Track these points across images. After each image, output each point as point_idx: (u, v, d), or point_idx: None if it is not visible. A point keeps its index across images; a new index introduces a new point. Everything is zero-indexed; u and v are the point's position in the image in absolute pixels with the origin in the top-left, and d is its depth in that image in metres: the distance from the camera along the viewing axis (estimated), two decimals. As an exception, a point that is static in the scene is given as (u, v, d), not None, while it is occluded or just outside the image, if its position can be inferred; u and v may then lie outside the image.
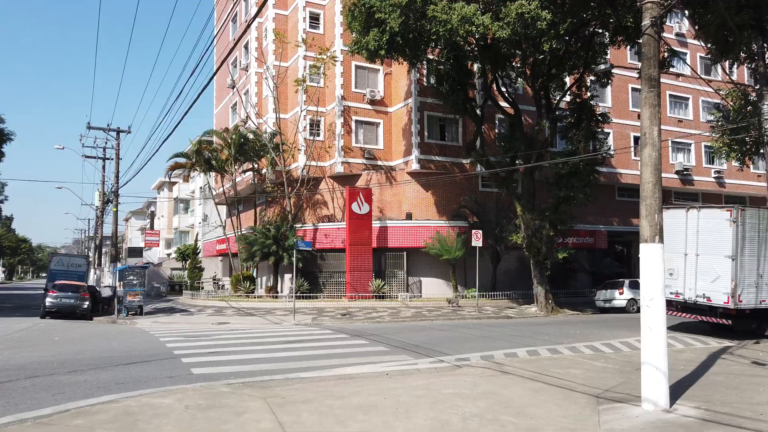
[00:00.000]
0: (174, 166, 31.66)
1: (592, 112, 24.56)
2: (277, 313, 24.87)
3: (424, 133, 30.76)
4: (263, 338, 15.13)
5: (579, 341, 14.85)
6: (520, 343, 14.35)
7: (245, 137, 30.92)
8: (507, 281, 30.74)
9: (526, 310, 26.22)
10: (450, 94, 24.73)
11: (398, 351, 12.91)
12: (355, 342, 14.25)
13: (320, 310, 25.78)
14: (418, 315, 23.41)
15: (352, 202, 28.35)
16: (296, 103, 32.53)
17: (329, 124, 32.11)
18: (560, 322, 21.22)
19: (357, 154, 31.54)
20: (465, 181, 31.76)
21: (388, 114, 32.64)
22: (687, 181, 37.78)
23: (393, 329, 17.72)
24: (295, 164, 32.69)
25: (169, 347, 13.17)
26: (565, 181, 24.53)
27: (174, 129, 24.67)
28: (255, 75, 35.64)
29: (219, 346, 13.56)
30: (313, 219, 32.56)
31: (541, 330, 17.65)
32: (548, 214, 25.27)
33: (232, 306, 27.74)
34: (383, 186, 31.68)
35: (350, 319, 21.63)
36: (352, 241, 28.31)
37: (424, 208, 31.11)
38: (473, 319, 22.52)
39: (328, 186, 32.58)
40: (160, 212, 70.31)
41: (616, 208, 36.06)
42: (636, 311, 25.16)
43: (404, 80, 31.64)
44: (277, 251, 28.41)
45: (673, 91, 38.03)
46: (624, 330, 17.51)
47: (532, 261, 25.87)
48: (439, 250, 28.57)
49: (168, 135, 34.53)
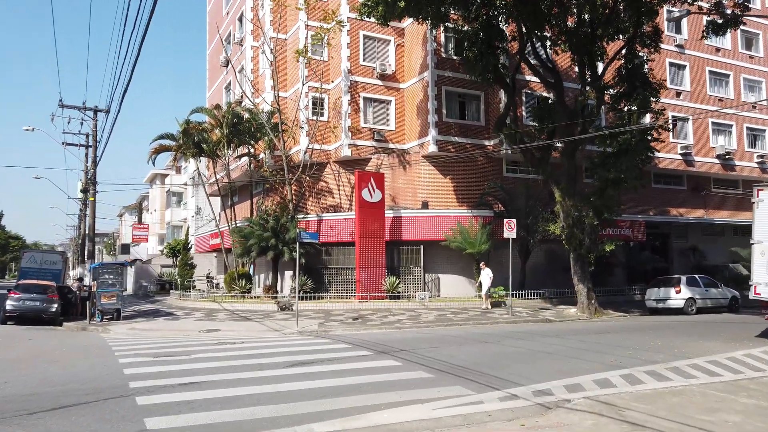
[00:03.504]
0: (158, 149, 27.94)
1: (646, 79, 20.89)
2: (277, 317, 21.27)
3: (442, 111, 27.08)
4: (260, 356, 11.49)
5: (674, 358, 11.26)
6: (601, 362, 10.75)
7: (239, 116, 27.23)
8: (535, 279, 27.12)
9: (565, 311, 22.67)
10: (479, 59, 21.03)
11: (445, 378, 9.31)
12: (382, 363, 10.62)
13: (327, 312, 22.17)
14: (442, 319, 19.83)
15: (363, 187, 24.70)
16: (297, 79, 28.84)
17: (334, 102, 28.42)
18: (616, 328, 17.63)
19: (366, 136, 27.87)
20: (488, 166, 28.12)
21: (401, 91, 28.96)
22: (728, 166, 34.15)
23: (422, 340, 14.12)
24: (296, 148, 29.01)
25: (126, 374, 9.53)
26: (614, 161, 20.96)
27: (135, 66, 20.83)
28: (251, 49, 31.93)
29: (197, 371, 9.91)
30: (316, 209, 28.91)
31: (606, 340, 14.06)
32: (593, 199, 21.71)
33: (226, 308, 24.13)
34: (396, 171, 28.02)
35: (364, 325, 18.03)
36: (363, 233, 24.68)
37: (443, 195, 27.46)
38: (508, 324, 18.99)
39: (334, 172, 28.91)
40: (153, 206, 66.58)
41: (651, 197, 32.41)
42: (695, 313, 21.66)
43: (419, 51, 27.95)
44: (277, 245, 24.77)
45: (713, 67, 34.35)
46: (712, 339, 13.93)
47: (573, 255, 22.31)
48: (461, 243, 24.95)
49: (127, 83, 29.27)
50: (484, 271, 23.13)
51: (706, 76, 34.05)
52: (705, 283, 22.65)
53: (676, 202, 33.56)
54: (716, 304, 22.55)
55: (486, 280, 22.98)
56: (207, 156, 29.42)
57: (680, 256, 33.29)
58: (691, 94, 33.09)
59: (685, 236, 33.91)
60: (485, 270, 23.04)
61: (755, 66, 35.75)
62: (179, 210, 55.04)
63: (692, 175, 33.98)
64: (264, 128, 26.98)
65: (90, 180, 26.26)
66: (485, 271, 23.02)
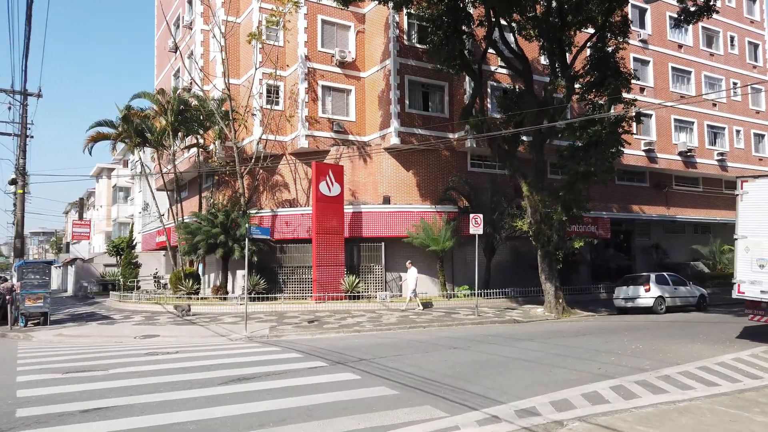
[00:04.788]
0: (95, 137, 25.46)
1: (617, 68, 20.03)
2: (225, 319, 19.47)
3: (405, 102, 25.73)
4: (194, 369, 9.81)
5: (662, 364, 10.18)
6: (586, 371, 9.56)
7: (186, 102, 25.14)
8: (500, 277, 26.12)
9: (532, 311, 21.66)
10: (445, 44, 19.72)
11: (412, 395, 7.89)
12: (338, 377, 9.12)
13: (281, 314, 20.50)
14: (405, 320, 18.47)
15: (320, 181, 23.08)
16: (250, 65, 26.97)
17: (290, 90, 26.69)
18: (590, 329, 16.62)
19: (324, 127, 26.26)
20: (452, 160, 26.94)
21: (361, 80, 27.46)
22: (690, 163, 34.04)
23: (383, 346, 12.68)
24: (249, 138, 27.16)
25: (19, 397, 7.72)
26: (583, 154, 20.03)
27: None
28: (201, 33, 29.81)
29: (110, 392, 8.15)
30: (271, 204, 27.12)
31: (583, 344, 12.95)
32: (562, 194, 20.71)
33: (170, 311, 22.11)
34: (356, 164, 26.52)
35: (320, 328, 16.49)
36: (320, 230, 23.07)
37: (405, 190, 26.12)
38: (475, 326, 17.80)
39: (290, 165, 27.19)
40: (99, 202, 62.92)
41: (615, 194, 31.93)
42: (664, 312, 20.95)
43: (380, 38, 26.52)
44: (227, 242, 22.90)
45: (676, 64, 34.17)
46: (693, 341, 12.99)
47: (540, 252, 21.30)
48: (424, 239, 23.65)
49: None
50: (410, 270, 21.54)
51: (669, 72, 33.84)
52: (674, 281, 22.03)
53: (639, 199, 33.22)
54: (685, 302, 21.95)
55: (411, 280, 21.38)
56: (152, 146, 27.18)
57: (643, 253, 32.96)
58: (655, 90, 32.79)
59: (648, 234, 33.62)
60: (411, 269, 21.48)
61: (715, 64, 35.82)
62: (126, 206, 52.02)
63: (655, 172, 33.73)
64: (214, 116, 25.00)
65: (18, 171, 23.73)
66: (411, 270, 21.47)
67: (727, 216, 36.15)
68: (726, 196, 36.96)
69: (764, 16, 38.79)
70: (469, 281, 24.74)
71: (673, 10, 33.92)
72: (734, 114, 36.36)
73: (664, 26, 33.99)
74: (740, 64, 36.93)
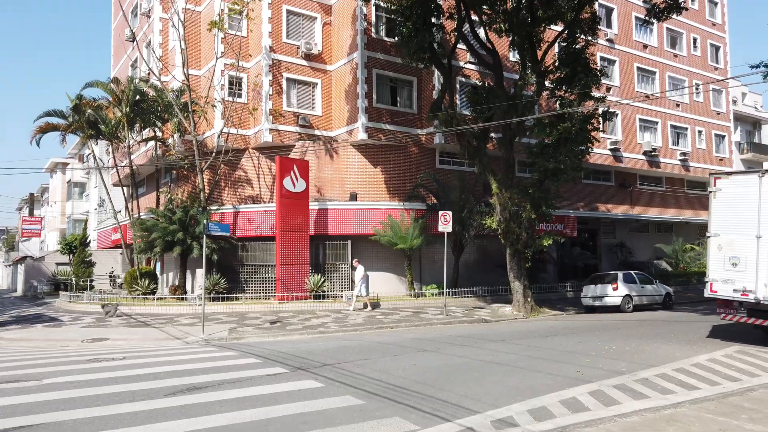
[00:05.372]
0: (44, 128, 23.87)
1: (587, 64, 19.81)
2: (182, 321, 18.47)
3: (373, 96, 25.07)
4: (141, 378, 8.94)
5: (638, 366, 9.82)
6: (561, 375, 9.09)
7: (142, 92, 23.90)
8: (468, 276, 25.78)
9: (500, 310, 21.32)
10: (414, 35, 19.14)
11: (380, 405, 7.25)
12: (299, 385, 8.40)
13: (242, 315, 19.60)
14: (372, 321, 17.84)
15: (285, 176, 22.21)
16: (212, 56, 25.85)
17: (254, 83, 25.71)
18: (560, 329, 16.29)
19: (289, 121, 25.38)
20: (421, 156, 26.43)
21: (328, 73, 26.67)
22: (654, 163, 34.41)
23: (349, 350, 12.00)
24: (210, 132, 26.08)
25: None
26: (553, 151, 19.77)
27: None
28: (159, 21, 28.52)
29: (39, 407, 7.23)
30: (233, 200, 26.10)
31: (555, 345, 12.55)
32: (531, 191, 20.40)
33: (123, 312, 20.95)
34: (322, 160, 25.74)
35: (283, 330, 15.72)
36: (284, 227, 22.21)
37: (372, 187, 25.48)
38: (443, 326, 17.31)
39: (253, 160, 26.21)
40: (53, 198, 60.27)
41: (581, 192, 32.00)
42: (631, 310, 20.90)
43: (348, 31, 25.79)
44: (185, 239, 21.82)
45: (641, 64, 34.47)
46: (665, 341, 12.75)
47: (509, 250, 20.98)
48: (391, 237, 23.05)
49: None
50: (357, 269, 20.58)
51: (634, 72, 34.10)
52: (641, 280, 22.01)
53: (604, 198, 33.38)
54: (651, 301, 21.96)
55: (359, 279, 20.41)
56: (106, 138, 25.80)
57: (609, 252, 33.14)
58: (621, 89, 32.98)
59: (613, 232, 33.84)
60: (359, 268, 20.53)
61: (679, 65, 36.31)
62: (81, 202, 49.85)
63: (620, 171, 33.97)
64: (172, 108, 23.84)
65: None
66: (359, 269, 20.50)
67: (689, 215, 36.79)
68: (688, 195, 37.62)
69: (725, 19, 39.56)
70: (437, 280, 24.28)
71: (640, 10, 34.36)
72: (696, 115, 36.96)
73: (630, 26, 34.24)
74: (702, 65, 37.57)
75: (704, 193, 38.49)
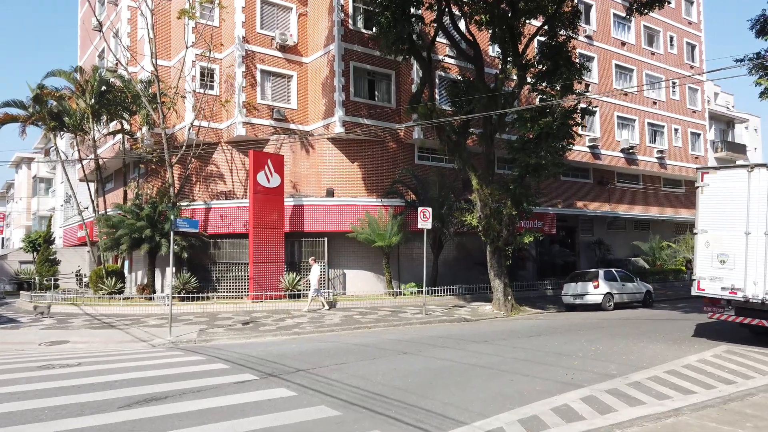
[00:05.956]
0: (2, 119, 22.52)
1: (569, 58, 19.44)
2: (149, 322, 17.58)
3: (350, 89, 24.38)
4: (96, 387, 8.14)
5: (629, 369, 9.38)
6: (551, 379, 8.58)
7: (108, 82, 22.80)
8: (447, 274, 25.29)
9: (480, 309, 20.88)
10: (392, 26, 18.50)
11: (358, 417, 6.63)
12: (270, 394, 7.71)
13: (213, 315, 18.77)
14: (349, 321, 17.20)
15: (258, 171, 21.39)
16: (183, 47, 24.82)
17: (227, 74, 24.79)
18: (543, 328, 15.87)
19: (264, 114, 24.53)
20: (399, 152, 25.84)
21: (304, 65, 25.88)
22: (631, 160, 34.41)
23: (325, 353, 11.34)
24: (181, 125, 25.09)
25: None
26: (534, 147, 19.37)
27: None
28: (127, 10, 27.40)
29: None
30: (205, 196, 25.16)
31: (541, 346, 12.07)
32: (512, 187, 19.97)
33: (87, 312, 19.93)
34: (298, 155, 24.97)
35: (255, 331, 14.99)
36: (258, 223, 21.40)
37: (350, 183, 24.80)
38: (423, 325, 16.78)
39: (226, 154, 25.31)
40: (19, 194, 58.17)
41: (560, 189, 31.80)
42: (612, 308, 20.62)
43: (324, 22, 25.04)
44: (153, 236, 20.86)
45: (619, 61, 34.41)
46: (651, 341, 12.38)
47: (489, 248, 20.54)
48: (369, 235, 22.40)
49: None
50: (313, 267, 19.71)
51: (612, 69, 34.03)
52: (622, 278, 21.78)
53: (583, 196, 33.26)
54: (632, 299, 21.73)
55: (314, 278, 19.54)
56: (70, 131, 24.59)
57: (587, 249, 33.03)
58: (599, 86, 32.86)
59: (591, 230, 33.74)
60: (314, 266, 19.68)
61: (656, 62, 36.39)
62: (47, 198, 48.11)
63: (598, 169, 33.88)
64: (140, 99, 22.80)
65: None
66: (314, 268, 19.65)
67: (665, 212, 36.96)
68: (665, 193, 37.79)
69: (701, 18, 39.82)
70: (416, 278, 23.74)
71: (618, 7, 34.30)
72: (673, 113, 37.10)
73: (609, 23, 34.15)
74: (679, 64, 37.72)
75: (680, 191, 38.87)
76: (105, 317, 18.92)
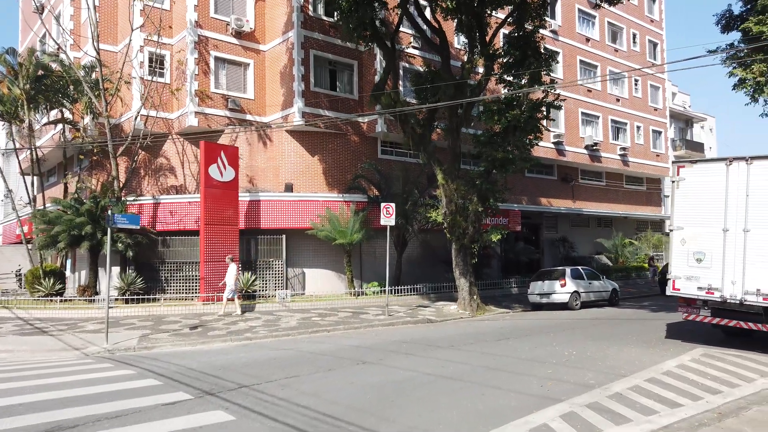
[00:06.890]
0: (-77, 104, 20.57)
1: (537, 49, 18.77)
2: (87, 327, 16.10)
3: (310, 79, 23.20)
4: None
5: (607, 377, 8.62)
6: (525, 392, 7.73)
7: (46, 67, 21.03)
8: (411, 272, 24.42)
9: (445, 308, 20.09)
10: (354, 10, 17.43)
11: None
12: (203, 420, 6.57)
13: (159, 319, 17.37)
14: (306, 323, 16.11)
15: (211, 163, 20.02)
16: (129, 30, 23.15)
17: (178, 61, 23.26)
18: (511, 330, 15.13)
19: (218, 104, 23.13)
20: (362, 146, 24.81)
21: (261, 53, 24.55)
22: (595, 157, 34.28)
23: (276, 363, 10.24)
24: (127, 114, 23.44)
25: None
26: (501, 140, 18.66)
27: None
28: (70, -10, 25.47)
29: None
30: (154, 190, 23.58)
31: (511, 351, 11.27)
32: (479, 183, 19.21)
33: (20, 316, 18.21)
34: (255, 147, 23.65)
35: (203, 336, 13.75)
36: (210, 220, 20.02)
37: (310, 177, 23.65)
38: (385, 327, 15.86)
39: (177, 146, 23.79)
40: (-43, 189, 54.53)
41: (524, 186, 31.35)
42: (579, 307, 20.13)
43: (283, 8, 23.77)
44: (94, 233, 19.27)
45: (583, 57, 34.20)
46: (625, 344, 11.73)
47: (455, 245, 19.76)
48: (330, 232, 21.32)
49: None
50: (230, 266, 17.94)
51: (577, 65, 33.79)
52: (588, 276, 21.32)
53: (547, 192, 32.92)
54: (599, 297, 21.30)
55: (231, 278, 17.74)
56: (5, 119, 22.64)
57: (551, 246, 32.70)
58: (564, 82, 32.51)
59: (555, 227, 33.45)
60: (231, 265, 17.94)
61: (619, 59, 36.38)
62: (-13, 193, 45.05)
63: (562, 165, 33.60)
64: (81, 85, 21.09)
65: None
66: (231, 267, 17.91)
67: (627, 210, 37.04)
68: (627, 190, 37.88)
69: (662, 16, 40.07)
70: (378, 277, 22.82)
71: (582, 2, 34.07)
72: (635, 110, 37.18)
73: (574, 18, 33.88)
74: (641, 61, 37.82)
75: (642, 188, 39.07)
76: (39, 322, 17.28)
